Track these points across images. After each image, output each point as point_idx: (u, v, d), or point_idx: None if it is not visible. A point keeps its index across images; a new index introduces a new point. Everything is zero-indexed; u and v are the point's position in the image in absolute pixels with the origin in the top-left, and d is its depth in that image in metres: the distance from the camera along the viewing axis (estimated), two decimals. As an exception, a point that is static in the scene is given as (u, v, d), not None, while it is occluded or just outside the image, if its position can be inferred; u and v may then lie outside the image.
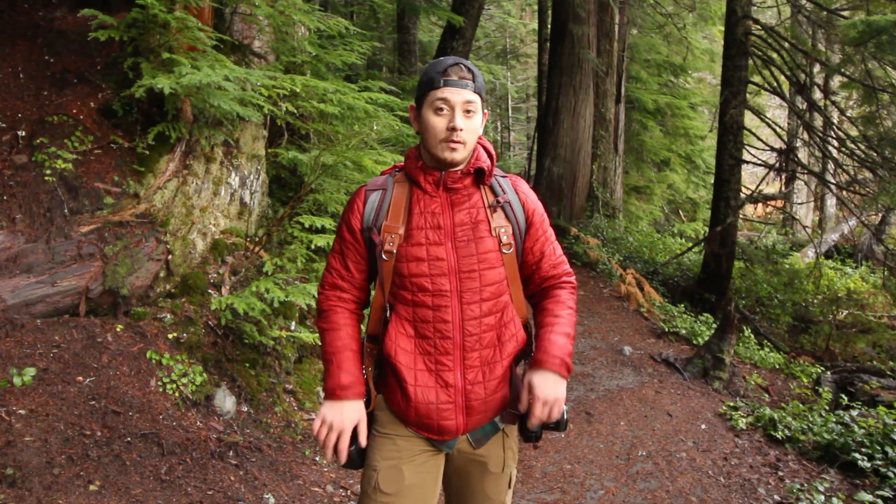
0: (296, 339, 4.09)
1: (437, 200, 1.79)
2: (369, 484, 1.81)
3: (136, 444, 3.01)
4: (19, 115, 3.67)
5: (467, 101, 1.72)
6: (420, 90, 1.77)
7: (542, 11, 12.83)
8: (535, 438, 1.90)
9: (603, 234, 10.37)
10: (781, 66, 8.14)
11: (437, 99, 1.71)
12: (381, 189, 1.83)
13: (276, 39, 4.88)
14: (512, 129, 24.27)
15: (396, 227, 1.77)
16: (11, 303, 3.25)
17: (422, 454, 1.84)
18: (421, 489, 1.83)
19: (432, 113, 1.73)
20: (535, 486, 3.68)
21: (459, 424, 1.80)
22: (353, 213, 1.83)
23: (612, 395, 5.04)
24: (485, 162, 1.82)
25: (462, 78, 1.72)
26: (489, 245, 1.78)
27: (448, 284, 1.75)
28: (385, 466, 1.81)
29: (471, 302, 1.76)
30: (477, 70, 1.77)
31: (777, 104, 18.12)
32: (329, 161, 4.21)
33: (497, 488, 1.91)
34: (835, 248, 13.16)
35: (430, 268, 1.75)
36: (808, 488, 3.62)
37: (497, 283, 1.80)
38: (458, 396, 1.78)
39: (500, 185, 1.85)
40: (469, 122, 1.73)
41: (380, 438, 1.85)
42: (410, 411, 1.79)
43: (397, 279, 1.78)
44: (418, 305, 1.77)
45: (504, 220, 1.82)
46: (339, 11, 10.32)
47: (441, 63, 1.73)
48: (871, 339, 8.32)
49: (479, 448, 1.86)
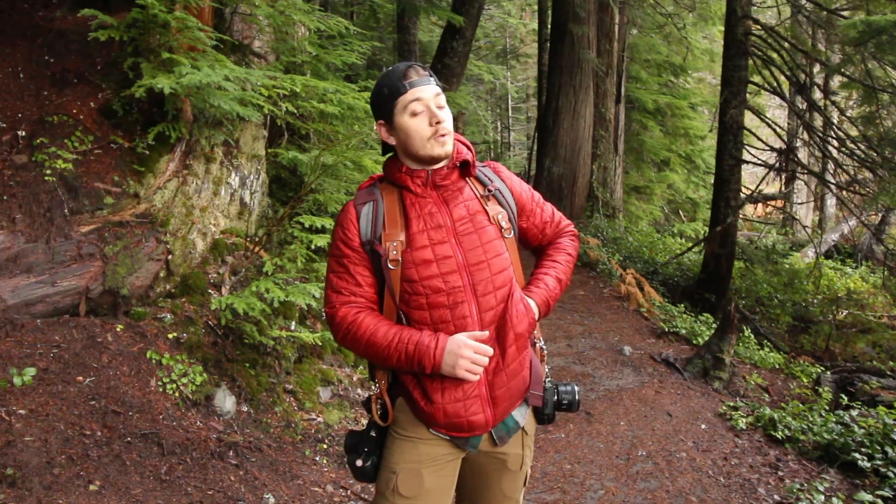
0: (296, 339, 4.09)
1: (430, 200, 1.78)
2: (387, 487, 1.79)
3: (136, 444, 3.01)
4: (19, 115, 3.67)
5: (436, 94, 1.75)
6: (384, 103, 1.76)
7: (542, 11, 12.84)
8: (549, 420, 1.96)
9: (603, 234, 10.37)
10: (781, 66, 8.14)
11: (411, 101, 1.72)
12: (371, 200, 1.80)
13: (276, 39, 4.89)
14: (512, 129, 24.27)
15: (397, 235, 1.76)
16: (11, 303, 3.25)
17: (442, 458, 1.82)
18: (438, 493, 1.82)
19: (409, 117, 1.73)
20: (535, 486, 3.68)
21: (488, 417, 1.79)
22: (348, 229, 1.79)
23: (612, 395, 5.04)
24: (466, 154, 1.83)
25: (422, 76, 1.74)
26: (491, 234, 1.80)
27: (460, 280, 1.74)
28: (405, 469, 1.79)
29: (485, 293, 1.76)
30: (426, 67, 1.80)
31: (777, 104, 18.12)
32: (329, 161, 4.21)
33: (514, 486, 1.92)
34: (835, 248, 13.15)
35: (439, 267, 1.74)
36: (808, 488, 3.62)
37: (506, 270, 1.81)
38: (482, 388, 1.77)
39: (484, 174, 1.90)
40: (444, 112, 1.76)
41: (400, 441, 1.83)
42: (438, 414, 1.76)
43: (407, 286, 1.75)
44: (434, 307, 1.74)
45: (499, 206, 1.86)
46: (339, 11, 10.31)
47: (395, 71, 1.75)
48: (871, 339, 8.33)
49: (501, 445, 1.86)
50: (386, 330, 1.73)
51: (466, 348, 1.69)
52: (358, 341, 1.75)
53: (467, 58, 10.06)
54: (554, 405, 1.93)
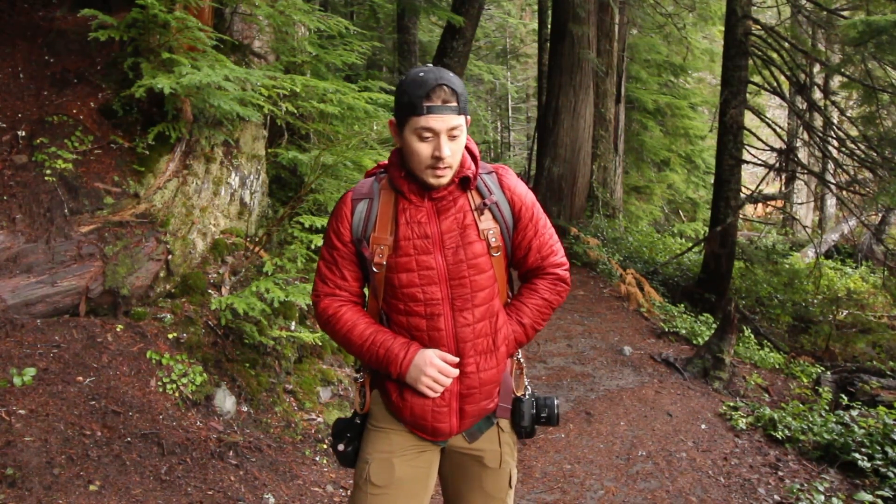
0: (296, 339, 4.09)
1: (423, 210, 1.76)
2: (361, 476, 1.83)
3: (136, 444, 3.01)
4: (19, 115, 3.67)
5: (452, 127, 1.64)
6: (401, 111, 1.67)
7: (542, 11, 12.84)
8: (528, 434, 1.92)
9: (603, 234, 10.37)
10: (781, 66, 8.14)
11: (421, 127, 1.63)
12: (368, 198, 1.80)
13: (276, 39, 4.89)
14: (512, 129, 24.27)
15: (385, 239, 1.76)
16: (11, 303, 3.25)
17: (414, 448, 1.85)
18: (412, 484, 1.84)
19: (416, 139, 1.65)
20: (535, 486, 3.68)
21: (453, 427, 1.82)
22: (341, 222, 1.80)
23: (612, 395, 5.04)
24: (469, 169, 1.77)
25: (446, 102, 1.62)
26: (478, 250, 1.76)
27: (439, 293, 1.75)
28: (376, 459, 1.82)
29: (463, 309, 1.76)
30: (459, 84, 1.67)
31: (777, 104, 18.12)
32: (329, 161, 4.21)
33: (497, 485, 1.90)
34: (835, 248, 13.16)
35: (420, 278, 1.74)
36: (808, 488, 3.62)
37: (488, 288, 1.79)
38: (453, 401, 1.80)
39: (485, 184, 1.81)
40: (455, 144, 1.67)
41: (374, 432, 1.87)
42: (405, 411, 1.81)
43: (389, 289, 1.78)
44: (411, 315, 1.77)
45: (492, 221, 1.79)
46: (339, 11, 10.32)
47: (422, 84, 1.62)
48: (871, 339, 8.33)
49: (473, 442, 1.87)
50: (363, 329, 1.79)
51: (431, 367, 1.73)
52: (336, 333, 1.84)
53: (467, 58, 10.06)
54: (532, 418, 1.90)
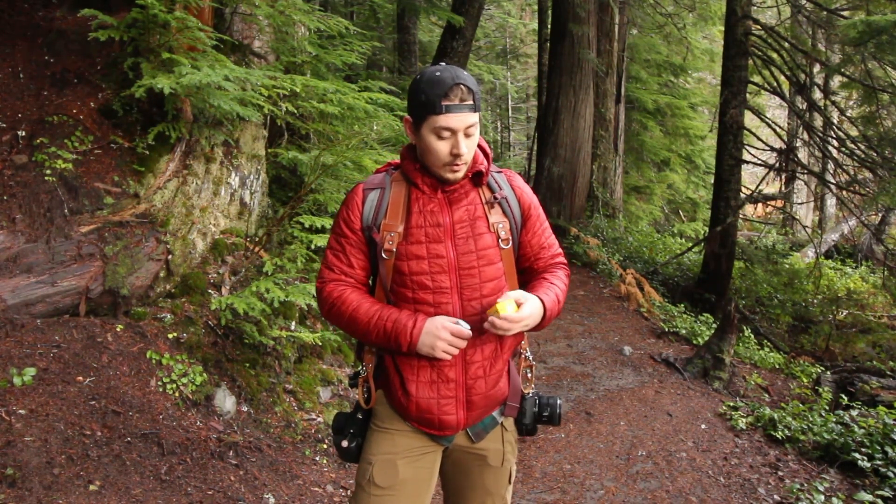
0: (296, 339, 4.09)
1: (436, 200, 1.80)
2: (364, 477, 1.83)
3: (136, 444, 3.01)
4: (19, 115, 3.67)
5: (469, 125, 1.70)
6: (418, 109, 1.70)
7: (542, 11, 12.84)
8: (530, 432, 1.94)
9: (603, 234, 10.37)
10: (781, 66, 8.14)
11: (440, 126, 1.67)
12: (380, 188, 1.83)
13: (276, 39, 4.89)
14: (512, 129, 24.28)
15: (395, 226, 1.79)
16: (11, 303, 3.25)
17: (418, 450, 1.86)
18: (415, 485, 1.84)
19: (434, 137, 1.69)
20: (535, 486, 3.68)
21: (460, 419, 1.82)
22: (352, 210, 1.82)
23: (612, 395, 5.04)
24: (482, 164, 1.83)
25: (463, 101, 1.67)
26: (488, 241, 1.80)
27: (448, 281, 1.77)
28: (381, 460, 1.83)
29: (471, 298, 1.78)
30: (474, 82, 1.72)
31: (777, 104, 18.12)
32: (329, 161, 4.21)
33: (497, 483, 1.93)
34: (835, 248, 13.15)
35: (430, 265, 1.77)
36: (808, 488, 3.62)
37: (496, 279, 1.82)
38: (459, 391, 1.80)
39: (496, 181, 1.88)
40: (470, 141, 1.73)
41: (378, 433, 1.87)
42: (411, 406, 1.81)
43: (397, 277, 1.79)
44: (419, 303, 1.78)
45: (501, 215, 1.84)
46: (339, 11, 10.32)
47: (440, 83, 1.65)
48: (871, 339, 8.33)
49: (478, 442, 1.88)
50: (368, 306, 1.78)
51: (444, 330, 1.72)
52: (341, 315, 1.80)
53: (467, 58, 10.05)
54: (534, 417, 1.92)
